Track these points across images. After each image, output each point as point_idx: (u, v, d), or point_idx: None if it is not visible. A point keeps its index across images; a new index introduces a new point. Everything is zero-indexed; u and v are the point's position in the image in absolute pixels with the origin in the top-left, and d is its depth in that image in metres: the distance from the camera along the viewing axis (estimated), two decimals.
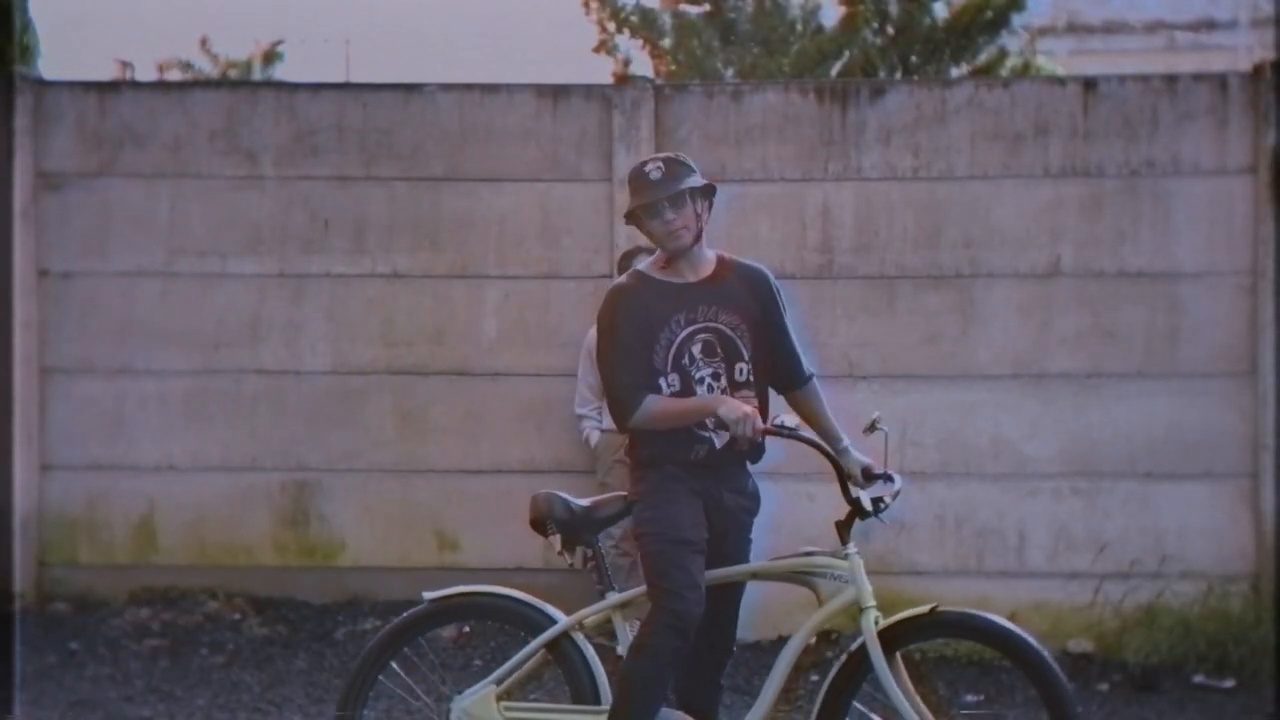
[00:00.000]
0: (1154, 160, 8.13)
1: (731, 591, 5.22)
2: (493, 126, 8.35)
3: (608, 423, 7.38)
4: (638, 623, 5.10)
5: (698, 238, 5.07)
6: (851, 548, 5.03)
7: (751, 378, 5.11)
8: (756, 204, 8.27)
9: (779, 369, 5.22)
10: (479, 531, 8.24)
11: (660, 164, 5.09)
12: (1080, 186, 8.16)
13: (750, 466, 5.27)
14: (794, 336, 5.26)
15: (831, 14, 12.79)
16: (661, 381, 5.06)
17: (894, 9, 12.41)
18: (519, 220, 8.32)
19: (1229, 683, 7.57)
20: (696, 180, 5.08)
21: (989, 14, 12.41)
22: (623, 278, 5.27)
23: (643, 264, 5.23)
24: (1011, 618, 7.90)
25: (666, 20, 13.09)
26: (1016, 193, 8.18)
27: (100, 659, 7.73)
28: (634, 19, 12.99)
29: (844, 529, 5.05)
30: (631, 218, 5.13)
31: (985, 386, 8.12)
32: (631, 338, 5.04)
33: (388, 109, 8.41)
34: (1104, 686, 7.60)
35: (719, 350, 5.05)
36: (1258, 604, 7.84)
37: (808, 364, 5.28)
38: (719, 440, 5.06)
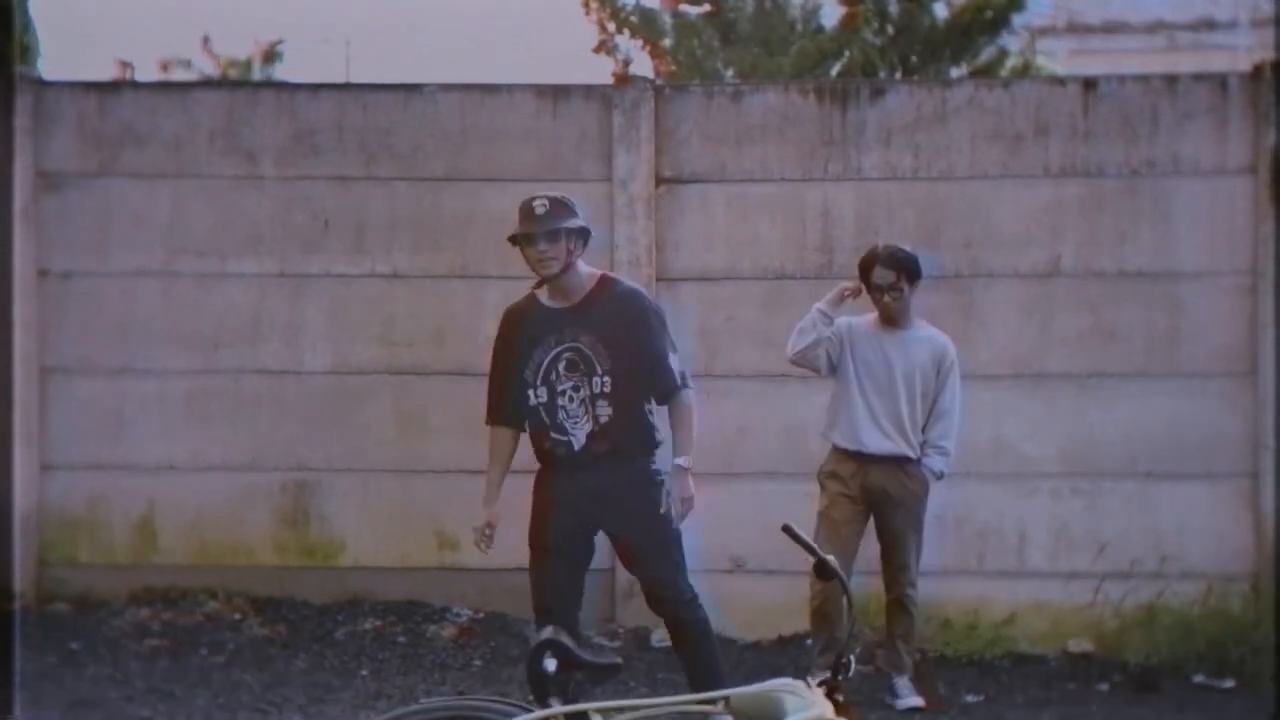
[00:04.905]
0: (1154, 160, 8.12)
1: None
2: (493, 127, 8.35)
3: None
4: None
5: (566, 269, 6.02)
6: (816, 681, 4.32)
7: (608, 389, 6.01)
8: (757, 204, 8.27)
9: (646, 381, 6.09)
10: None
11: (546, 202, 6.04)
12: (1080, 186, 8.16)
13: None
14: (663, 352, 6.07)
15: (831, 14, 12.78)
16: (530, 393, 6.08)
17: (894, 9, 12.40)
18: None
19: (1229, 683, 7.57)
20: (574, 222, 6.03)
21: (989, 14, 12.39)
22: (520, 299, 6.23)
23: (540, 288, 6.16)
24: (1012, 618, 8.03)
25: (666, 20, 13.07)
26: (1016, 193, 8.18)
27: (100, 659, 7.73)
28: (634, 19, 12.96)
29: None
30: (514, 241, 6.06)
31: (985, 386, 8.10)
32: (505, 357, 6.20)
33: (388, 109, 8.40)
34: (1104, 686, 7.60)
35: (580, 366, 6.04)
36: (1258, 604, 7.84)
37: (677, 379, 6.10)
38: (577, 442, 6.07)
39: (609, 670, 4.45)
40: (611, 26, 13.05)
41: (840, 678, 4.26)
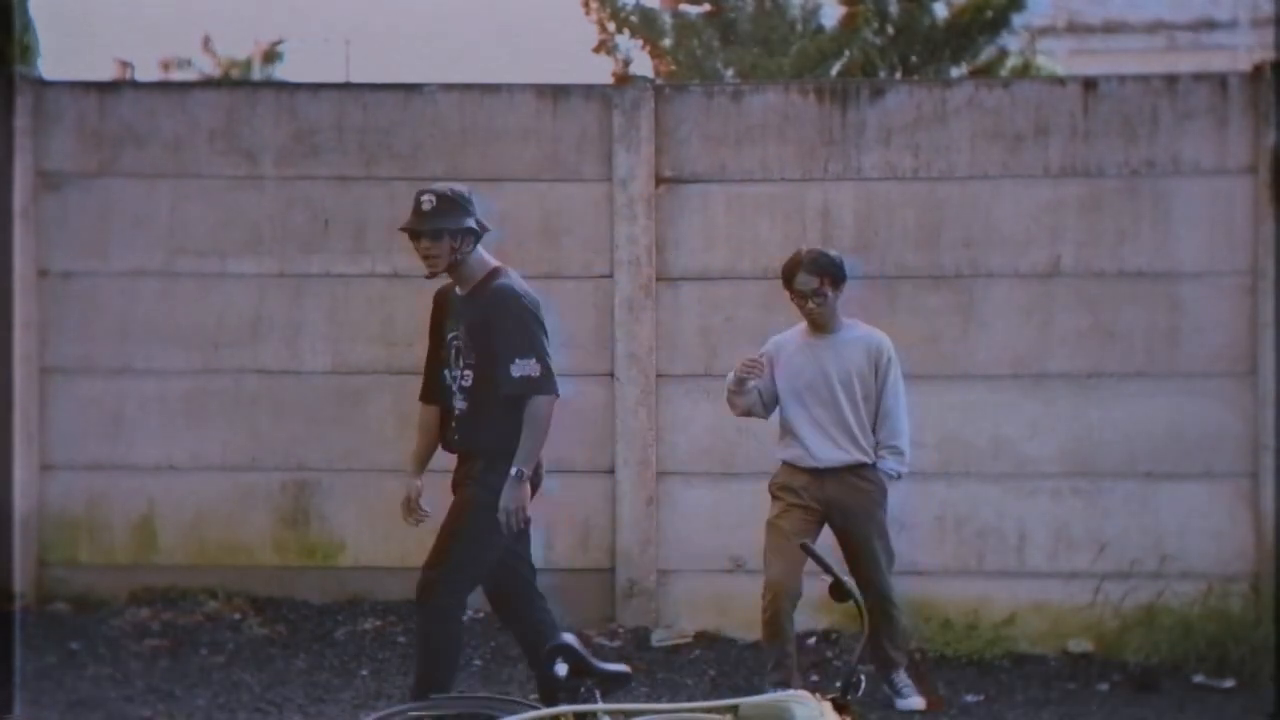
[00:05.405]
0: (1154, 160, 8.12)
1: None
2: (493, 126, 8.35)
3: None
4: None
5: (451, 267, 6.04)
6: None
7: (466, 383, 6.08)
8: (756, 204, 8.27)
9: (492, 380, 5.98)
10: None
11: (433, 198, 6.00)
12: (1080, 186, 8.16)
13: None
14: (507, 354, 5.95)
15: (831, 14, 12.80)
16: (446, 373, 6.15)
17: (894, 9, 12.42)
18: (519, 220, 8.30)
19: (1229, 683, 7.56)
20: (460, 223, 5.99)
21: (989, 14, 12.42)
22: (444, 284, 6.25)
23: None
24: (1011, 618, 8.02)
25: (666, 20, 13.09)
26: (1016, 192, 8.18)
27: (100, 659, 7.73)
28: (634, 19, 12.99)
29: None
30: (405, 231, 6.08)
31: (985, 386, 8.12)
32: (430, 338, 6.28)
33: (388, 109, 8.40)
34: (1104, 686, 7.60)
35: (460, 355, 6.10)
36: (1258, 604, 7.84)
37: (514, 384, 5.93)
38: (455, 436, 6.13)
39: (620, 679, 4.45)
40: (611, 26, 13.09)
41: (850, 695, 4.26)
